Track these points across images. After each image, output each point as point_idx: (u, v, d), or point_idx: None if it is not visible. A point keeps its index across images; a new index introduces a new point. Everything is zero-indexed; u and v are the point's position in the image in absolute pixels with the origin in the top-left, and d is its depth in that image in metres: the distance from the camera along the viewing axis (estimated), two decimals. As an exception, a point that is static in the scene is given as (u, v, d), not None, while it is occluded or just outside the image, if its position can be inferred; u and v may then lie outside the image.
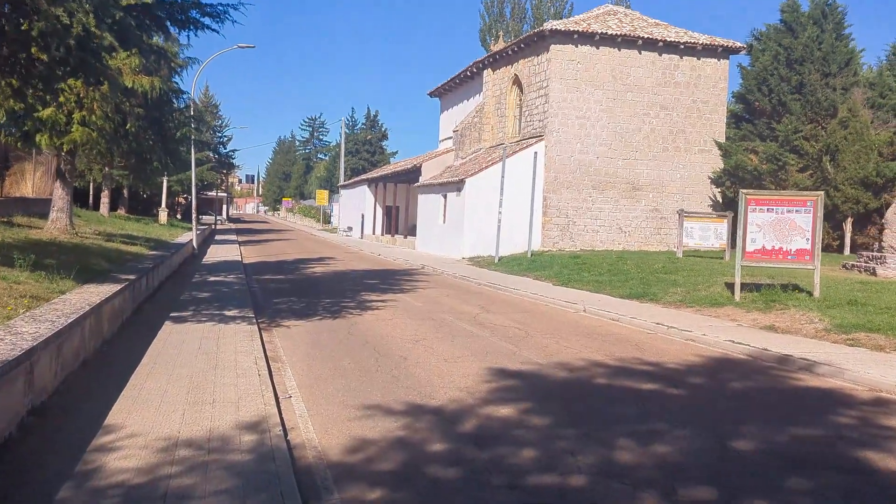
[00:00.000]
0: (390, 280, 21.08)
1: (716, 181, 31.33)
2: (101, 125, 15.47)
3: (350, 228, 51.63)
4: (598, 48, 30.16)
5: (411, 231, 40.40)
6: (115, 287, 10.56)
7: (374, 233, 46.34)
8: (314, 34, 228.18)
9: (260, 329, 11.69)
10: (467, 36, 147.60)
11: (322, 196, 67.48)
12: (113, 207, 43.48)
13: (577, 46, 30.00)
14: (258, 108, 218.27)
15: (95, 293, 9.66)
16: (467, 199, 30.25)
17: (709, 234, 25.37)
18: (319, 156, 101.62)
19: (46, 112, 15.34)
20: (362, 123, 73.29)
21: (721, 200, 31.53)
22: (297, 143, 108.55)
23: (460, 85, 40.17)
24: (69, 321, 7.13)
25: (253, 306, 14.03)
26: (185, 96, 17.73)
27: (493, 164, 30.33)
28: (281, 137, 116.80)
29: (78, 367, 7.75)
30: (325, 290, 17.93)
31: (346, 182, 57.03)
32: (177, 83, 17.51)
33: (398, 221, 43.60)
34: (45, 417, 6.13)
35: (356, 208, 50.66)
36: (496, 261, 26.75)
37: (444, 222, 33.11)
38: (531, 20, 53.96)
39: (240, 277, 19.54)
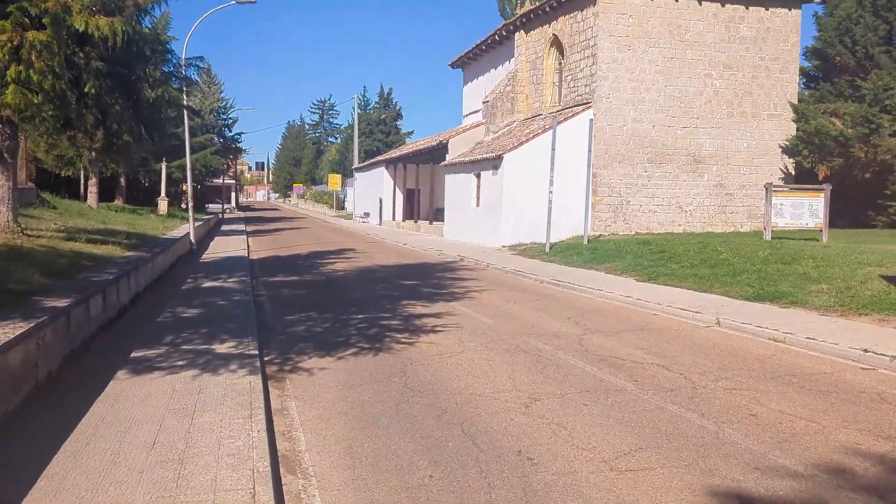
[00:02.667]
0: (431, 279, 16.55)
1: (789, 150, 26.56)
2: (45, 84, 10.99)
3: (367, 214, 47.05)
4: (652, -1, 25.35)
5: (437, 216, 35.82)
6: (10, 334, 6.05)
7: (393, 219, 41.76)
8: (319, 12, 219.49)
9: (266, 380, 7.23)
10: (484, 7, 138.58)
11: (335, 180, 62.89)
12: (108, 198, 39.10)
13: (628, -3, 25.20)
14: (265, 92, 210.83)
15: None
16: (506, 178, 25.61)
17: (802, 211, 20.61)
18: (330, 139, 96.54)
19: (-33, 67, 10.83)
20: (375, 102, 68.14)
21: (794, 172, 26.81)
22: (307, 128, 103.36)
23: (487, 52, 35.32)
24: None
25: (257, 331, 9.57)
26: (166, 51, 13.05)
27: (534, 136, 25.66)
28: (290, 122, 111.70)
29: None
30: (354, 298, 13.43)
31: (362, 164, 52.33)
32: (149, 29, 12.85)
33: (420, 206, 39.00)
34: None
35: (373, 192, 46.05)
36: (547, 249, 22.16)
37: (477, 205, 28.50)
38: (555, -15, 48.75)
39: (244, 281, 15.08)
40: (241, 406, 6.16)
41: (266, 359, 8.43)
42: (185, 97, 15.01)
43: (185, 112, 16.42)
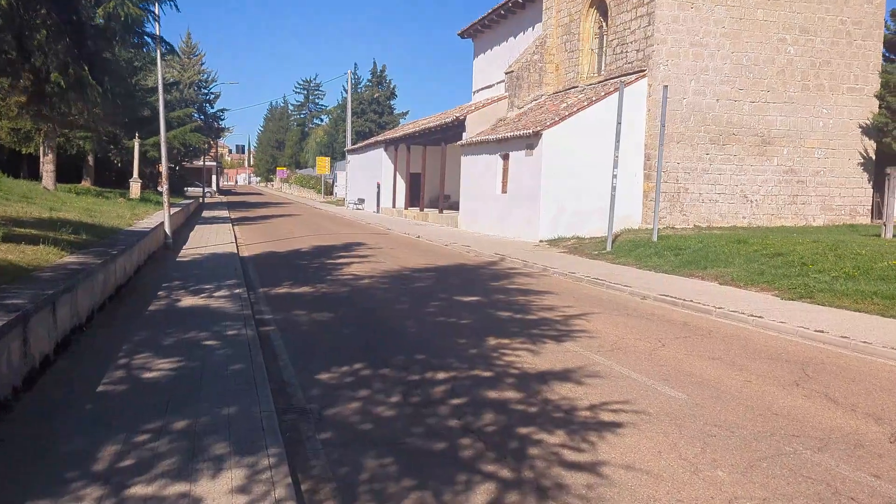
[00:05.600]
0: (493, 293, 11.90)
1: (870, 131, 22.29)
2: None
3: (361, 200, 42.13)
4: (720, -52, 20.79)
5: (446, 203, 31.09)
6: None
7: (394, 206, 36.93)
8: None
9: None
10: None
11: (323, 163, 57.71)
12: (76, 179, 33.83)
13: (691, -55, 20.62)
14: (247, 68, 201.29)
15: None
16: (545, 160, 20.96)
17: (926, 202, 16.39)
18: (316, 121, 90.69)
19: None
20: (367, 80, 62.64)
21: (875, 157, 22.53)
22: (291, 109, 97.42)
23: (504, 17, 30.51)
24: None
25: (279, 417, 4.91)
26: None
27: (579, 108, 21.03)
28: (273, 103, 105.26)
29: None
30: (409, 332, 8.75)
31: (356, 146, 47.27)
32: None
33: (426, 192, 34.25)
34: None
35: (369, 177, 41.13)
36: (608, 247, 17.62)
37: (503, 192, 23.86)
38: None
39: (238, 296, 10.34)
40: None
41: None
42: (155, 24, 10.06)
43: (158, 49, 11.38)
